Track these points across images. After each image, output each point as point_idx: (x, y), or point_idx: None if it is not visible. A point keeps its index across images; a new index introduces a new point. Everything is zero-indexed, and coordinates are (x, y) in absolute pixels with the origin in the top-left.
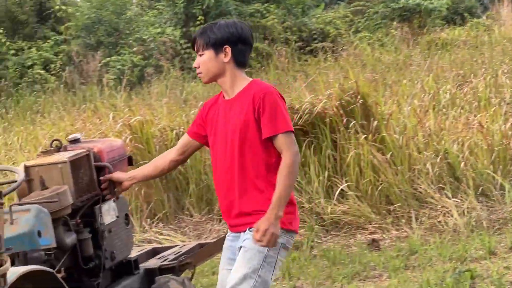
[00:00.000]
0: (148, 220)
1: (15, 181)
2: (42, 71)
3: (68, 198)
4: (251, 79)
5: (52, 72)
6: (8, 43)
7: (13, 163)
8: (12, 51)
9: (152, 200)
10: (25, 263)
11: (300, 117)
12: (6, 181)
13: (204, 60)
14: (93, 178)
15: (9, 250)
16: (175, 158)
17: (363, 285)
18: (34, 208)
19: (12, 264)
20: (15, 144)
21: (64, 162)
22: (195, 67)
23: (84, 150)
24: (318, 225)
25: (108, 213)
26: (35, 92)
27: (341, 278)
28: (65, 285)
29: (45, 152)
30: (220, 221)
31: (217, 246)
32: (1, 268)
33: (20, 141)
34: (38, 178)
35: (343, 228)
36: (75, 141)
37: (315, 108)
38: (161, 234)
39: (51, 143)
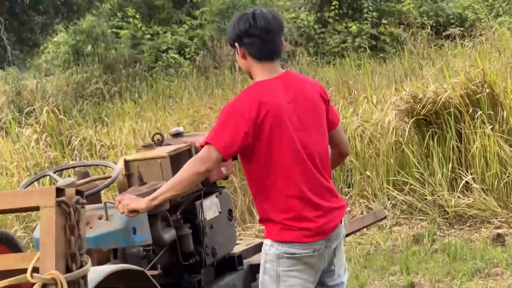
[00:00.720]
0: None
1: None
2: (176, 55)
3: None
4: (260, 79)
5: (187, 57)
6: (144, 28)
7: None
8: (148, 36)
9: None
10: (124, 259)
11: (423, 107)
12: (101, 177)
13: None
14: None
15: (89, 251)
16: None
17: (483, 283)
18: None
19: (108, 260)
20: (144, 130)
21: (164, 157)
22: None
23: (185, 144)
24: (441, 218)
25: (210, 208)
26: (168, 77)
27: (461, 275)
28: (156, 283)
29: (146, 146)
30: None
31: None
32: (82, 269)
33: (148, 127)
34: (137, 173)
35: (467, 221)
36: (178, 134)
37: (439, 97)
38: None
39: (153, 137)
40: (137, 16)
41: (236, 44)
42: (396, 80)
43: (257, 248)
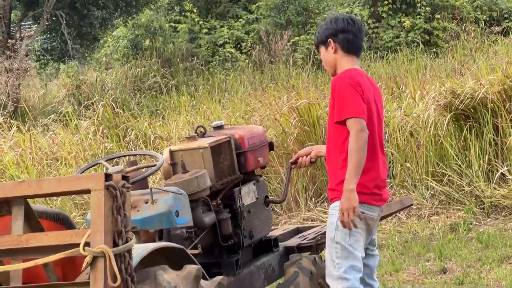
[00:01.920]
0: (313, 199)
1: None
2: (233, 50)
3: (206, 181)
4: (352, 68)
5: (243, 51)
6: (201, 22)
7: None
8: (205, 30)
9: (317, 180)
10: (168, 240)
11: (461, 102)
12: (147, 165)
13: (322, 55)
14: (233, 163)
15: (134, 228)
16: None
17: (511, 268)
18: (173, 190)
19: (154, 241)
20: (197, 123)
21: (205, 148)
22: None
23: (225, 136)
24: (478, 208)
25: (248, 195)
26: (225, 71)
27: (490, 261)
28: (194, 260)
29: (189, 138)
30: None
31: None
32: (127, 244)
33: (202, 120)
34: (181, 161)
35: (502, 211)
36: (219, 127)
37: (477, 93)
38: (325, 213)
39: (196, 129)
40: (195, 11)
41: (330, 39)
42: (446, 75)
43: (293, 233)
